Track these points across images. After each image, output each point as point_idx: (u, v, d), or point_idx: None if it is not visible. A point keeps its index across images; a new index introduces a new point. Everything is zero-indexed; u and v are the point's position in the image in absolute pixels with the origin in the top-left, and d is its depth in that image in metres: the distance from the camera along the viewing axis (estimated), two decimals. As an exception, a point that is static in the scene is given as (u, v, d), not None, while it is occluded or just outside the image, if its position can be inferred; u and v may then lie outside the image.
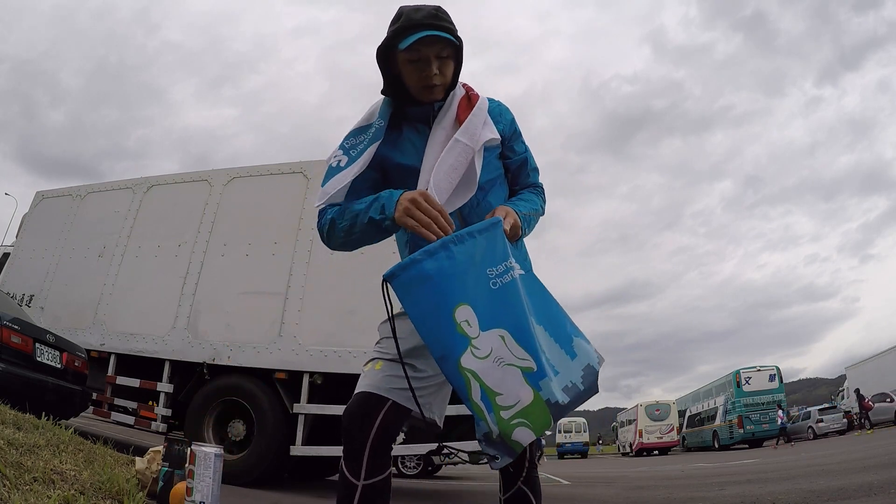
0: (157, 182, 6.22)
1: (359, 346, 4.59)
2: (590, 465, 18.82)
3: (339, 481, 1.29)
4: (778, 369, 21.41)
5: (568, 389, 1.23)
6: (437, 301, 1.17)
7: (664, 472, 10.06)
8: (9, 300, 5.35)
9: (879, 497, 3.52)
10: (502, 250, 1.25)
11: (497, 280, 1.22)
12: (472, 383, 1.16)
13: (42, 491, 1.95)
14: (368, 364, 1.39)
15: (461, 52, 1.41)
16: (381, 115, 1.43)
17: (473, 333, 1.18)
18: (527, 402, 1.18)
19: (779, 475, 6.33)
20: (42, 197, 6.93)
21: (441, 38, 1.33)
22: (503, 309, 1.21)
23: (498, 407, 1.17)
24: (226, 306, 5.23)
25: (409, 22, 1.34)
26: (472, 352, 1.17)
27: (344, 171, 1.38)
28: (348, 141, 1.43)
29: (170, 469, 2.48)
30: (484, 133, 1.41)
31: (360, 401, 1.31)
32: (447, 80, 1.41)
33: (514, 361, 1.18)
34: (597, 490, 7.03)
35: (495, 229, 1.26)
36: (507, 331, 1.19)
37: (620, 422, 33.22)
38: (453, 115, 1.43)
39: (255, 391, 4.82)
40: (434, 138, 1.42)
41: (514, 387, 1.18)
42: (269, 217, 5.44)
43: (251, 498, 4.04)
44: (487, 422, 1.17)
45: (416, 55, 1.35)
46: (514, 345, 1.19)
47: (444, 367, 1.18)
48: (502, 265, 1.23)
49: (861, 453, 7.79)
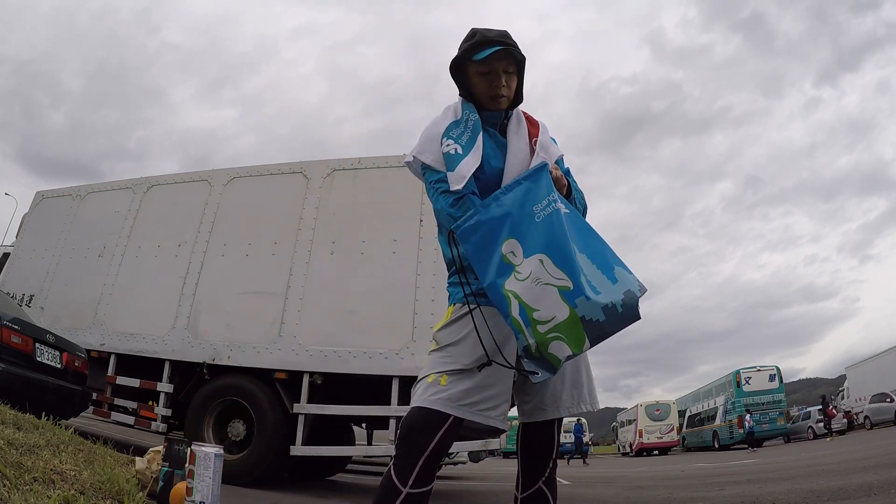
0: (157, 182, 6.22)
1: (359, 346, 4.59)
2: (590, 465, 18.82)
3: (384, 483, 1.32)
4: (778, 369, 21.40)
5: (607, 309, 1.31)
6: (487, 240, 1.38)
7: (664, 472, 10.06)
8: (9, 300, 5.35)
9: (879, 497, 3.52)
10: (547, 188, 1.42)
11: (541, 213, 1.38)
12: (513, 301, 1.32)
13: (42, 491, 1.95)
14: (432, 376, 1.41)
15: (523, 71, 1.59)
16: (468, 109, 1.59)
17: (517, 261, 1.36)
18: (562, 318, 1.30)
19: (779, 475, 6.33)
20: (42, 197, 6.93)
21: (510, 53, 1.52)
22: (544, 236, 1.36)
23: (535, 321, 1.30)
24: (226, 306, 5.23)
25: (483, 38, 1.52)
26: (515, 276, 1.34)
27: (469, 157, 1.51)
28: (451, 133, 1.56)
29: (170, 469, 2.48)
30: (554, 150, 1.62)
31: (424, 416, 1.35)
32: (511, 92, 1.58)
33: (551, 281, 1.32)
34: (597, 490, 7.03)
35: (541, 172, 1.44)
36: (545, 255, 1.34)
37: (620, 422, 33.20)
38: (525, 129, 1.61)
39: (255, 391, 4.82)
40: (514, 145, 1.58)
41: (551, 303, 1.31)
42: (269, 217, 5.43)
43: (251, 498, 4.04)
44: (525, 335, 1.30)
45: (488, 68, 1.53)
46: (552, 266, 1.33)
47: (490, 292, 1.36)
48: (545, 200, 1.40)
49: (861, 453, 7.79)
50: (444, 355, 1.42)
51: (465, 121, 1.57)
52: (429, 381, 1.39)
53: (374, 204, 5.06)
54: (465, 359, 1.39)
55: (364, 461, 9.44)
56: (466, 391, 1.36)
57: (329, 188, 5.30)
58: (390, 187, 5.02)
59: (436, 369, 1.41)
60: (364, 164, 5.28)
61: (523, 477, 1.52)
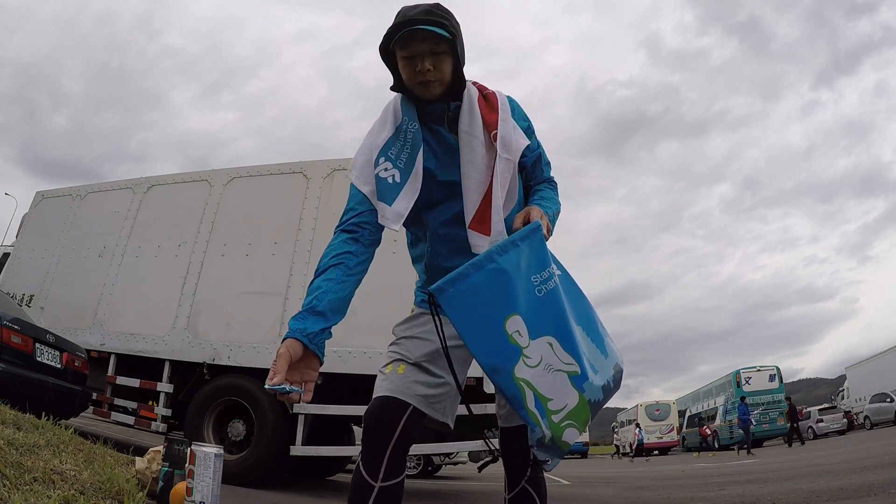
0: (157, 182, 6.22)
1: (359, 347, 4.59)
2: (590, 465, 18.82)
3: (354, 481, 1.29)
4: (778, 369, 21.41)
5: (605, 388, 1.28)
6: (488, 314, 1.17)
7: (664, 472, 10.06)
8: (9, 300, 5.35)
9: (879, 497, 3.52)
10: (544, 256, 1.25)
11: (542, 287, 1.22)
12: (527, 392, 1.18)
13: (42, 491, 1.95)
14: (389, 366, 1.39)
15: (458, 48, 1.34)
16: (407, 114, 1.39)
17: (524, 343, 1.18)
18: (574, 405, 1.22)
19: (779, 475, 6.33)
20: (42, 197, 6.93)
21: (432, 32, 1.28)
22: (549, 315, 1.22)
23: (550, 412, 1.20)
24: (226, 306, 5.23)
25: (402, 18, 1.31)
26: (525, 361, 1.18)
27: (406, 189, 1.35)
28: (391, 151, 1.38)
29: (170, 469, 2.48)
30: (519, 141, 1.40)
31: (384, 404, 1.32)
32: (444, 76, 1.34)
33: (561, 367, 1.21)
34: (597, 490, 7.03)
35: (536, 234, 1.26)
36: (554, 337, 1.21)
37: (620, 422, 33.21)
38: (479, 120, 1.38)
39: (255, 391, 4.81)
40: (467, 150, 1.37)
41: (563, 391, 1.21)
42: (269, 217, 5.43)
43: (251, 498, 4.04)
44: (542, 427, 1.19)
45: (410, 51, 1.32)
46: (561, 350, 1.21)
47: (497, 379, 1.17)
48: (546, 271, 1.24)
49: (861, 453, 7.79)
50: (402, 347, 1.41)
51: (404, 132, 1.38)
52: (387, 372, 1.38)
53: (373, 204, 5.05)
54: (417, 352, 1.38)
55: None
56: (421, 383, 1.33)
57: (329, 188, 5.30)
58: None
59: (393, 359, 1.40)
60: (364, 164, 5.28)
61: (508, 478, 1.52)
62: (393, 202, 1.34)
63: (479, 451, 5.54)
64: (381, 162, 1.37)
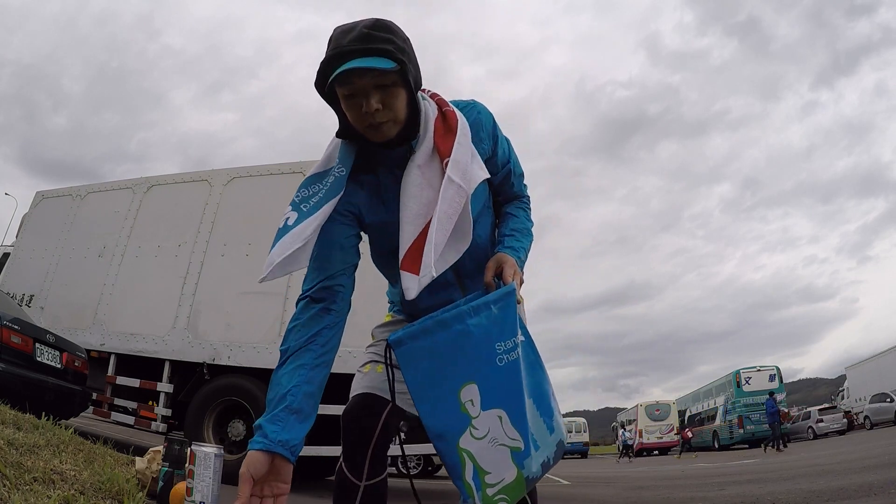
0: (157, 182, 6.22)
1: (359, 347, 4.56)
2: (590, 465, 18.82)
3: (338, 482, 1.27)
4: (778, 369, 21.40)
5: (544, 465, 1.24)
6: (444, 378, 1.10)
7: (664, 472, 10.06)
8: (9, 300, 5.35)
9: (879, 497, 3.52)
10: (513, 323, 1.17)
11: (504, 356, 1.15)
12: (468, 464, 1.13)
13: (42, 491, 1.95)
14: (368, 366, 1.39)
15: (410, 74, 1.10)
16: (341, 160, 1.21)
17: (475, 413, 1.13)
18: (510, 480, 1.17)
19: (779, 475, 6.32)
20: (42, 197, 6.93)
21: (370, 68, 1.05)
22: (505, 388, 1.16)
23: (486, 485, 1.15)
24: (226, 306, 5.23)
25: (335, 48, 1.07)
26: (471, 432, 1.13)
27: (292, 232, 1.18)
28: (300, 193, 1.23)
29: (170, 469, 2.48)
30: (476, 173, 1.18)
31: (362, 401, 1.30)
32: (397, 114, 1.11)
33: (506, 441, 1.16)
34: (597, 490, 7.03)
35: (509, 298, 1.18)
36: (504, 411, 1.15)
37: (620, 422, 33.20)
38: (430, 143, 1.17)
39: (255, 391, 4.82)
40: (407, 181, 1.17)
41: (502, 465, 1.16)
42: (269, 217, 5.43)
43: (251, 498, 4.03)
44: (475, 499, 1.14)
45: (350, 89, 1.08)
46: (509, 425, 1.16)
47: (440, 445, 1.12)
48: (511, 340, 1.16)
49: (861, 453, 7.79)
50: (378, 348, 1.41)
51: (330, 173, 1.21)
52: (365, 371, 1.38)
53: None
54: None
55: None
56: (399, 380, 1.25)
57: (329, 188, 5.30)
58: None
59: (371, 359, 1.40)
60: (364, 164, 5.28)
61: None
62: (272, 248, 1.19)
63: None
64: (286, 212, 1.23)
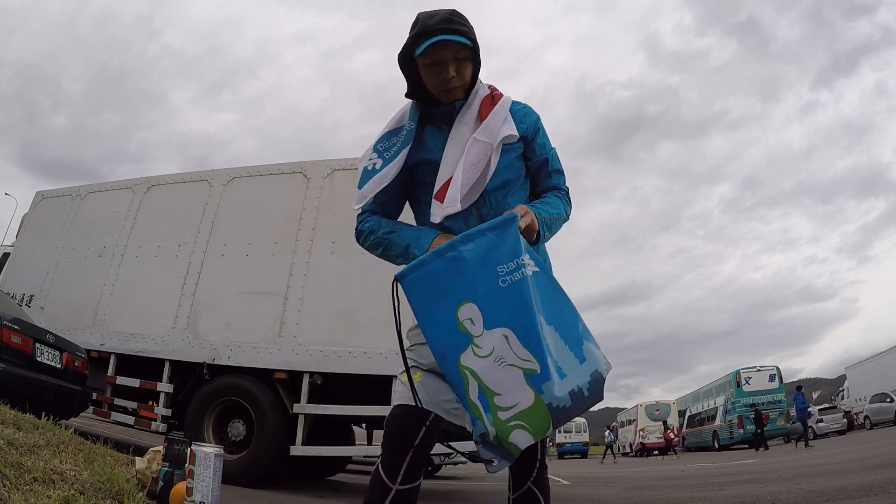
0: (157, 182, 6.22)
1: (359, 347, 4.59)
2: (590, 465, 18.82)
3: (373, 482, 1.32)
4: (778, 369, 21.41)
5: (574, 394, 1.19)
6: (440, 299, 1.19)
7: (664, 472, 10.06)
8: (9, 300, 5.35)
9: (879, 497, 3.52)
10: (514, 247, 1.22)
11: (507, 277, 1.19)
12: (471, 382, 1.16)
13: (42, 491, 1.95)
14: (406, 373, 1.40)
15: (478, 53, 1.43)
16: (411, 118, 1.49)
17: (476, 332, 1.17)
18: (526, 405, 1.15)
19: (779, 475, 6.33)
20: (42, 197, 6.93)
21: (454, 41, 1.36)
22: (510, 307, 1.18)
23: (495, 407, 1.15)
24: (226, 306, 5.23)
25: (424, 28, 1.37)
26: (473, 350, 1.16)
27: (380, 174, 1.43)
28: (381, 144, 1.48)
29: (170, 469, 2.48)
30: (503, 129, 1.43)
31: (406, 411, 1.34)
32: (466, 81, 1.44)
33: (515, 362, 1.16)
34: (597, 490, 7.03)
35: (509, 226, 1.24)
36: (511, 330, 1.17)
37: (620, 422, 33.20)
38: (475, 111, 1.46)
39: (254, 391, 4.81)
40: (455, 133, 1.45)
41: (515, 388, 1.15)
42: (269, 217, 5.43)
43: (251, 498, 4.04)
44: (484, 422, 1.15)
45: (433, 59, 1.38)
46: (518, 345, 1.16)
47: (444, 365, 1.18)
48: (513, 262, 1.20)
49: (861, 453, 7.79)
50: (415, 353, 1.42)
51: (401, 130, 1.48)
52: (404, 379, 1.38)
53: (373, 204, 5.05)
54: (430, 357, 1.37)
55: (364, 461, 9.44)
56: (438, 389, 1.34)
57: (329, 188, 5.30)
58: (390, 187, 5.01)
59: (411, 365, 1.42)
60: (364, 164, 5.28)
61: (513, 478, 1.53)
62: (363, 185, 1.44)
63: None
64: (369, 156, 1.48)
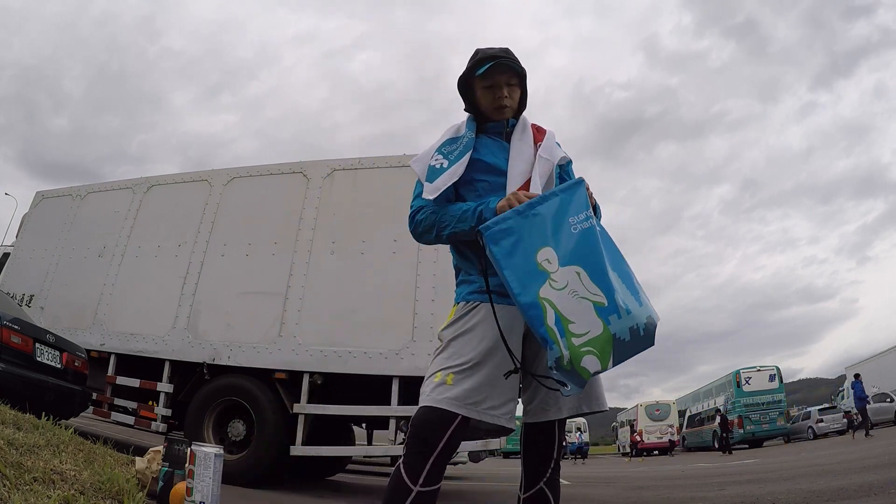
0: (157, 182, 6.21)
1: (359, 347, 4.59)
2: (590, 465, 18.82)
3: (393, 482, 1.34)
4: (778, 369, 21.39)
5: (633, 331, 1.33)
6: (521, 247, 1.35)
7: (664, 472, 10.06)
8: (9, 300, 5.35)
9: (879, 497, 3.52)
10: (583, 202, 1.42)
11: (577, 225, 1.39)
12: (548, 310, 1.30)
13: (42, 491, 1.95)
14: (438, 374, 1.43)
15: (525, 83, 1.71)
16: (469, 128, 1.72)
17: (552, 269, 1.34)
18: (596, 333, 1.30)
19: (779, 475, 6.33)
20: (42, 197, 6.93)
21: (509, 67, 1.65)
22: (580, 249, 1.36)
23: (570, 333, 1.29)
24: (226, 306, 5.23)
25: (485, 55, 1.66)
26: (551, 284, 1.33)
27: (450, 170, 1.61)
28: (445, 148, 1.68)
29: (170, 469, 2.48)
30: (558, 153, 1.70)
31: (432, 415, 1.37)
32: (515, 103, 1.71)
33: (587, 295, 1.32)
34: (597, 490, 7.03)
35: (578, 187, 1.45)
36: (582, 268, 1.34)
37: (620, 422, 33.20)
38: (531, 134, 1.71)
39: (254, 391, 4.81)
40: (518, 149, 1.67)
41: (586, 317, 1.30)
42: (269, 217, 5.43)
43: (251, 498, 4.04)
44: (560, 346, 1.28)
45: (490, 81, 1.66)
46: (588, 281, 1.33)
47: (523, 299, 1.32)
48: (583, 213, 1.40)
49: (861, 453, 7.79)
50: (451, 352, 1.45)
51: (461, 138, 1.68)
52: (436, 381, 1.41)
53: (374, 204, 5.05)
54: (469, 352, 1.42)
55: (364, 461, 9.44)
56: (472, 390, 1.37)
57: (329, 188, 5.29)
58: (390, 187, 5.00)
59: (442, 367, 1.43)
60: (364, 164, 5.28)
61: (525, 477, 1.52)
62: (434, 180, 1.60)
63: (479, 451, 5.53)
64: (434, 157, 1.65)
